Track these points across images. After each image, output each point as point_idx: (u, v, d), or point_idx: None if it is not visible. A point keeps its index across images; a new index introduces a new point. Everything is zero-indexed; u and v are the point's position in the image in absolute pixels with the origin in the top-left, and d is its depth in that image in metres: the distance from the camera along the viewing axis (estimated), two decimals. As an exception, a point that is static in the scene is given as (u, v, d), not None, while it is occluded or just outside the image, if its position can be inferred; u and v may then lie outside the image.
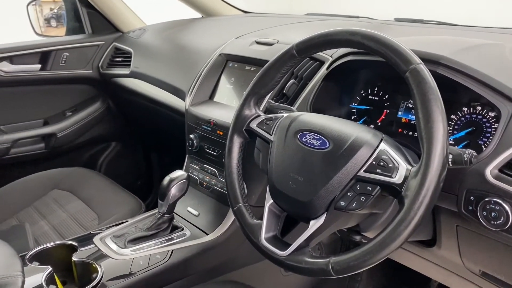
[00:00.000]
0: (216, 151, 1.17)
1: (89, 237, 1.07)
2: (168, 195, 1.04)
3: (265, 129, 0.83)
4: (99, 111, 1.93)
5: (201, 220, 1.16)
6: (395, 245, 0.61)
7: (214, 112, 1.18)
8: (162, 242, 1.06)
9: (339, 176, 0.68)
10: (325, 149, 0.72)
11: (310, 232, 0.71)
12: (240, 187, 0.87)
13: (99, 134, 1.96)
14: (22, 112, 1.77)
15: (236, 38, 1.34)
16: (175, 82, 1.40)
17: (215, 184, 1.18)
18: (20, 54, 1.70)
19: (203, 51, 1.38)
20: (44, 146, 1.79)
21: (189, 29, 1.72)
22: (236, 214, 0.85)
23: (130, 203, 1.36)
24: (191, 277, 1.07)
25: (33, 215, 1.37)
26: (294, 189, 0.74)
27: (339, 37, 0.75)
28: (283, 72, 0.84)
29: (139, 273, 0.97)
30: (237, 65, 1.25)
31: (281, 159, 0.77)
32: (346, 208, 0.68)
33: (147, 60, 1.65)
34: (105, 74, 1.83)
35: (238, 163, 0.89)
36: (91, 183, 1.50)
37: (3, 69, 1.65)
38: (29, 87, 1.76)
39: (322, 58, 1.05)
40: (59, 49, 1.78)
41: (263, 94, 0.88)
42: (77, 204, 1.39)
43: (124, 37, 1.86)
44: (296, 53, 0.81)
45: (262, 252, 0.77)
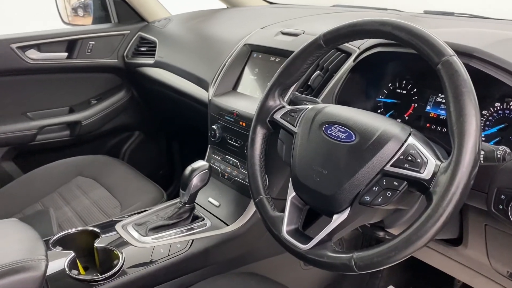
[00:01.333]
0: (238, 142, 1.16)
1: (111, 224, 1.08)
2: (189, 184, 1.04)
3: (289, 120, 0.82)
4: (123, 100, 1.94)
5: (222, 211, 1.16)
6: (421, 242, 0.59)
7: (237, 103, 1.17)
8: (182, 231, 1.06)
9: (364, 170, 0.67)
10: (351, 142, 0.70)
11: (333, 226, 0.70)
12: (262, 179, 0.86)
13: (122, 123, 1.98)
14: (48, 99, 1.80)
15: (261, 28, 1.33)
16: (198, 72, 1.40)
17: (237, 175, 1.18)
18: (48, 42, 1.72)
19: (227, 42, 1.37)
20: (69, 134, 1.82)
21: (214, 19, 1.71)
22: (258, 205, 0.84)
23: (152, 192, 1.37)
24: (211, 267, 1.07)
25: (57, 201, 1.39)
26: (317, 182, 0.72)
27: (368, 27, 0.73)
28: (309, 62, 0.83)
29: (160, 261, 0.97)
30: (261, 55, 1.23)
31: (305, 152, 0.76)
32: (371, 203, 0.67)
33: (171, 50, 1.65)
34: (130, 64, 1.85)
35: (261, 154, 0.88)
36: (114, 171, 1.52)
37: (31, 57, 1.68)
38: (56, 75, 1.79)
39: (349, 50, 1.03)
40: (86, 38, 1.79)
41: (288, 84, 0.86)
42: (100, 191, 1.41)
43: (149, 27, 1.87)
44: (323, 43, 0.79)
45: (283, 245, 0.76)
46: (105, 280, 0.91)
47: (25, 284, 0.77)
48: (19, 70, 1.67)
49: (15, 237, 0.86)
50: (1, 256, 0.79)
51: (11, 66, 1.65)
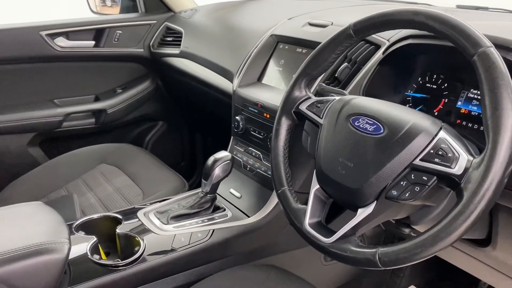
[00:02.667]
0: (261, 134, 1.15)
1: (133, 211, 1.09)
2: (211, 175, 1.04)
3: (315, 111, 0.80)
4: (148, 90, 1.96)
5: (243, 202, 1.16)
6: (450, 239, 0.57)
7: (262, 94, 1.16)
8: (203, 221, 1.06)
9: (392, 164, 0.65)
10: (379, 134, 0.68)
11: (357, 220, 0.68)
12: (286, 171, 0.85)
13: (147, 112, 2.00)
14: (75, 87, 1.82)
15: (288, 19, 1.31)
16: (223, 63, 1.39)
17: (259, 167, 1.17)
18: (76, 30, 1.74)
19: (253, 32, 1.36)
20: (95, 121, 1.84)
21: (241, 10, 1.70)
22: (280, 197, 0.83)
23: (174, 181, 1.38)
24: (230, 258, 1.07)
25: (81, 187, 1.41)
26: (343, 175, 0.70)
27: (400, 16, 0.70)
28: (337, 53, 0.81)
29: (180, 250, 0.97)
30: (288, 46, 1.22)
31: (330, 143, 0.74)
32: (398, 198, 0.65)
33: (197, 40, 1.64)
34: (156, 53, 1.85)
35: (285, 145, 0.86)
36: (138, 160, 1.53)
37: (59, 44, 1.70)
38: (83, 63, 1.81)
39: (378, 42, 1.01)
40: (113, 27, 1.81)
41: (315, 75, 0.85)
42: (123, 179, 1.42)
43: (176, 17, 1.87)
44: (353, 33, 0.77)
45: (305, 238, 0.75)
46: (126, 266, 0.91)
47: (48, 266, 0.78)
48: (48, 57, 1.70)
49: (40, 219, 0.88)
50: (26, 237, 0.80)
51: (40, 53, 1.68)
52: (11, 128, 1.66)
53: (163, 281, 0.96)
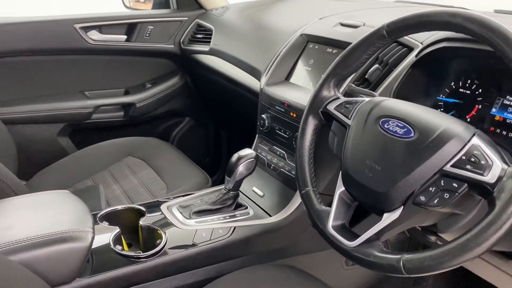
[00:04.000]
0: (287, 133, 1.15)
1: (156, 204, 1.10)
2: (235, 172, 1.04)
3: (343, 112, 0.79)
4: (176, 86, 1.97)
5: (266, 201, 1.15)
6: (479, 250, 0.55)
7: (289, 93, 1.15)
8: (225, 217, 1.06)
9: (422, 169, 0.63)
10: (409, 138, 0.66)
11: (382, 225, 0.66)
12: (310, 171, 0.84)
13: (174, 108, 2.01)
14: (105, 80, 1.86)
15: (320, 19, 1.30)
16: (252, 61, 1.39)
17: (283, 166, 1.16)
18: (109, 24, 1.77)
19: (283, 31, 1.35)
20: (123, 115, 1.87)
21: (272, 9, 1.69)
22: (304, 198, 0.82)
23: (198, 176, 1.38)
24: (250, 257, 1.06)
25: (107, 178, 1.43)
26: (369, 178, 0.69)
27: (436, 18, 0.68)
28: (369, 53, 0.79)
29: (201, 245, 0.98)
30: (317, 46, 1.20)
31: (358, 145, 0.73)
32: (426, 204, 0.63)
33: (226, 38, 1.65)
34: (186, 50, 1.87)
35: (311, 145, 0.85)
36: (163, 154, 1.54)
37: (92, 37, 1.74)
38: (114, 56, 1.84)
39: (411, 44, 0.98)
40: (145, 22, 1.83)
41: (345, 75, 0.83)
42: (148, 172, 1.44)
43: (207, 14, 1.88)
44: (386, 33, 0.75)
45: (328, 240, 0.74)
46: (147, 258, 0.92)
47: (71, 253, 0.80)
48: (80, 49, 1.74)
49: (66, 208, 0.89)
50: (51, 224, 0.82)
51: (73, 46, 1.72)
52: (43, 118, 1.71)
53: (182, 275, 0.97)
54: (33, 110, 1.68)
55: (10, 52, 1.64)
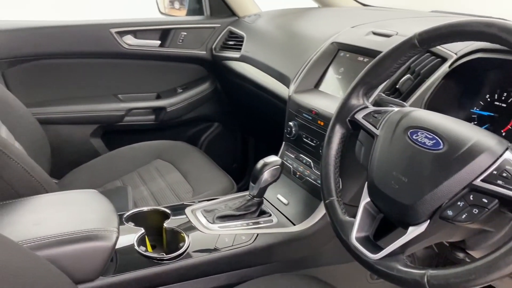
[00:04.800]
0: (314, 142, 1.13)
1: (181, 208, 1.10)
2: (260, 178, 1.03)
3: (371, 121, 0.78)
4: (207, 91, 2.00)
5: (290, 209, 1.14)
6: (508, 269, 0.53)
7: (318, 101, 1.14)
8: (248, 224, 1.06)
9: (450, 182, 0.61)
10: (438, 150, 0.64)
11: (407, 238, 0.64)
12: (335, 180, 0.82)
13: (204, 113, 2.03)
14: (138, 84, 1.90)
15: (351, 27, 1.28)
16: (281, 68, 1.39)
17: (309, 175, 1.15)
18: (143, 29, 1.82)
19: (314, 39, 1.34)
20: (154, 118, 1.91)
21: (303, 17, 1.69)
22: (328, 207, 0.81)
23: (224, 182, 1.39)
24: (272, 265, 1.05)
25: (136, 180, 1.46)
26: (396, 189, 0.67)
27: (471, 28, 0.66)
28: (400, 62, 0.77)
29: (223, 250, 0.98)
30: (348, 55, 1.19)
31: (385, 156, 0.71)
32: (453, 219, 0.60)
33: (257, 45, 1.66)
34: (217, 56, 1.89)
35: (337, 154, 0.84)
36: (191, 158, 1.56)
37: (127, 42, 1.79)
38: (147, 61, 1.88)
39: (445, 55, 0.95)
40: (178, 28, 1.87)
41: (374, 84, 0.82)
42: (175, 175, 1.46)
43: (239, 22, 1.90)
44: (417, 43, 0.73)
45: (351, 252, 0.72)
46: (170, 260, 0.93)
47: (96, 252, 0.81)
48: (115, 53, 1.78)
49: (93, 207, 0.92)
50: (78, 222, 0.84)
51: (109, 50, 1.77)
52: (77, 119, 1.76)
53: (204, 279, 0.97)
54: (68, 111, 1.73)
55: (49, 54, 1.70)
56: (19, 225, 0.83)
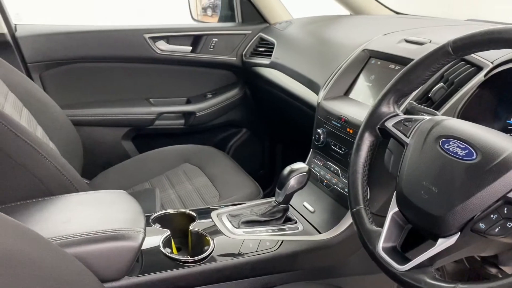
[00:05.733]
0: (342, 149, 1.12)
1: (207, 211, 1.11)
2: (286, 185, 1.03)
3: (402, 130, 0.76)
4: (236, 97, 2.01)
5: (316, 217, 1.13)
6: None
7: (347, 109, 1.13)
8: (273, 230, 1.05)
9: (483, 194, 0.58)
10: (470, 160, 0.62)
11: (436, 250, 0.62)
12: (363, 189, 0.81)
13: (232, 118, 2.05)
14: (169, 88, 1.93)
15: (383, 35, 1.27)
16: (311, 74, 1.38)
17: (336, 183, 1.13)
18: (176, 35, 1.85)
19: (345, 46, 1.33)
20: (184, 123, 1.93)
21: (335, 24, 1.68)
22: (354, 216, 0.79)
23: (250, 187, 1.39)
24: (296, 273, 1.04)
25: (164, 183, 1.48)
26: (425, 199, 0.65)
27: (507, 35, 0.64)
28: (432, 70, 0.76)
29: (248, 256, 0.97)
30: (380, 62, 1.17)
31: (415, 165, 0.69)
32: (485, 232, 0.58)
33: (287, 51, 1.66)
34: (247, 63, 1.90)
35: (365, 163, 0.82)
36: (219, 163, 1.57)
37: (160, 47, 1.82)
38: (179, 66, 1.91)
39: (480, 63, 0.92)
40: (210, 34, 1.89)
41: (405, 92, 0.80)
42: (203, 179, 1.47)
43: (270, 28, 1.90)
44: (451, 50, 0.71)
45: (377, 262, 0.71)
46: (194, 263, 0.93)
47: (122, 252, 0.83)
48: (148, 58, 1.82)
49: (121, 207, 0.93)
50: (106, 222, 0.85)
51: (142, 54, 1.81)
52: (110, 121, 1.80)
53: (227, 284, 0.97)
54: (101, 113, 1.78)
55: (84, 58, 1.76)
56: (49, 222, 0.86)
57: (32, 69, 1.69)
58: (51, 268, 0.64)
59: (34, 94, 1.34)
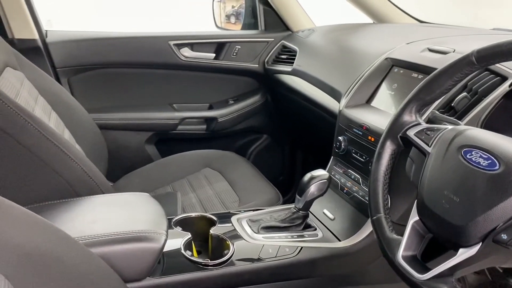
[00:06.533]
0: (363, 157, 1.12)
1: (228, 216, 1.12)
2: (306, 191, 1.03)
3: (423, 139, 0.76)
4: (257, 104, 2.03)
5: (336, 225, 1.13)
6: None
7: (369, 117, 1.13)
8: (293, 236, 1.06)
9: (505, 204, 0.58)
10: (493, 171, 0.62)
11: (457, 260, 0.62)
12: (384, 197, 0.81)
13: (253, 125, 2.07)
14: (192, 94, 1.96)
15: (407, 44, 1.27)
16: (333, 82, 1.39)
17: (357, 191, 1.13)
18: (200, 42, 1.88)
19: (368, 54, 1.33)
20: (205, 128, 1.96)
21: (358, 32, 1.68)
22: (374, 224, 0.80)
23: (270, 193, 1.40)
24: (315, 279, 1.04)
25: (185, 187, 1.50)
26: (446, 209, 0.65)
27: None
28: (455, 79, 0.76)
29: (267, 260, 0.98)
30: (402, 71, 1.17)
31: (436, 174, 0.69)
32: (508, 243, 0.58)
33: (309, 59, 1.67)
34: (269, 70, 1.92)
35: (386, 171, 0.83)
36: (239, 168, 1.58)
37: (184, 54, 1.86)
38: (202, 73, 1.94)
39: (505, 73, 0.92)
40: (233, 42, 1.92)
41: (428, 101, 0.80)
42: (223, 184, 1.48)
43: (293, 36, 1.92)
44: (475, 60, 0.71)
45: (397, 271, 0.71)
46: (214, 266, 0.95)
47: (144, 253, 0.84)
48: (173, 65, 1.86)
49: (144, 209, 0.95)
50: (130, 223, 0.87)
51: (167, 61, 1.85)
52: (134, 126, 1.84)
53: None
54: (126, 118, 1.82)
55: (111, 63, 1.80)
56: (76, 222, 0.88)
57: (61, 74, 1.74)
58: (78, 267, 0.66)
59: (62, 98, 1.38)
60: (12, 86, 1.11)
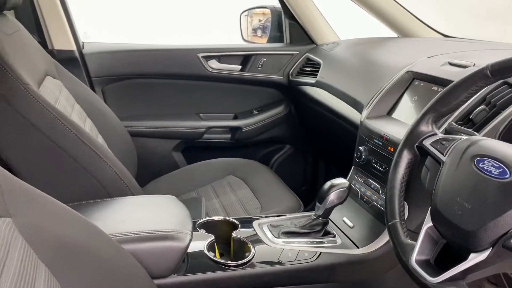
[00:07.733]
0: (383, 167, 1.15)
1: (249, 221, 1.17)
2: (326, 199, 1.06)
3: (439, 148, 0.79)
4: (281, 114, 2.07)
5: (355, 232, 1.15)
6: None
7: (389, 128, 1.16)
8: (312, 242, 1.09)
9: None
10: (504, 179, 0.64)
11: (468, 265, 0.64)
12: (400, 204, 0.84)
13: (277, 135, 2.11)
14: (218, 104, 2.03)
15: (428, 57, 1.29)
16: (355, 94, 1.42)
17: (376, 200, 1.16)
18: (227, 54, 1.95)
19: (390, 68, 1.36)
20: (230, 137, 2.02)
21: (381, 46, 1.72)
22: (390, 230, 0.82)
23: (291, 201, 1.44)
24: (333, 284, 1.07)
25: (210, 193, 1.55)
26: (459, 215, 0.68)
27: None
28: (470, 92, 0.78)
29: (286, 264, 1.02)
30: (423, 84, 1.20)
31: (450, 182, 0.72)
32: None
33: (333, 71, 1.71)
34: (293, 81, 1.96)
35: (403, 179, 0.86)
36: (262, 177, 1.63)
37: (211, 66, 1.94)
38: (228, 84, 2.01)
39: (524, 87, 0.94)
40: (259, 54, 1.98)
41: (444, 113, 0.83)
42: (246, 191, 1.53)
43: (317, 49, 1.96)
44: (490, 73, 0.74)
45: (410, 274, 0.73)
46: (236, 267, 0.99)
47: (171, 250, 0.90)
48: (200, 76, 1.93)
49: (171, 210, 1.01)
50: (158, 222, 0.93)
51: (195, 72, 1.92)
52: (162, 133, 1.92)
53: None
54: (155, 125, 1.90)
55: (142, 74, 1.89)
56: (108, 220, 0.94)
57: (96, 83, 1.84)
58: (110, 261, 0.72)
59: (96, 106, 1.46)
60: (52, 93, 1.20)
